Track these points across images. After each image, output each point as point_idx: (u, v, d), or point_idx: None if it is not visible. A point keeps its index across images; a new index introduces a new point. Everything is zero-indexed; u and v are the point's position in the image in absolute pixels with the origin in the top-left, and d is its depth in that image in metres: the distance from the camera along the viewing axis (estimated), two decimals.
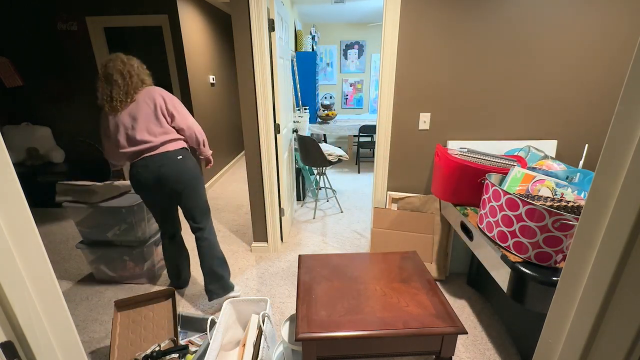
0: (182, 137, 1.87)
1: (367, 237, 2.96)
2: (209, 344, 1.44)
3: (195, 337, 1.79)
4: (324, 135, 5.78)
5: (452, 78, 2.08)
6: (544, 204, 1.26)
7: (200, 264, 2.00)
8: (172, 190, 1.84)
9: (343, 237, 2.97)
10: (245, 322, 1.73)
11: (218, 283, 2.01)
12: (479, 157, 1.81)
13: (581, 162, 1.89)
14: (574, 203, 1.28)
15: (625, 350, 0.61)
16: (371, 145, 4.94)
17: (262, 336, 1.47)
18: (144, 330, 1.65)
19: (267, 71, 2.24)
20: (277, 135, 2.46)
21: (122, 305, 1.66)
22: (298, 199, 3.84)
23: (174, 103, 1.81)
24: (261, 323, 1.53)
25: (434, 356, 1.28)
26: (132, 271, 2.29)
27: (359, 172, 4.94)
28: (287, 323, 1.60)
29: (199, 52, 3.95)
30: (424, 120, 2.18)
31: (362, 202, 3.77)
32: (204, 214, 1.97)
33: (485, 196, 1.52)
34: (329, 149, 3.44)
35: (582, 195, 1.39)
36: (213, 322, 1.58)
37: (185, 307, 2.09)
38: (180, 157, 1.82)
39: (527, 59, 2.00)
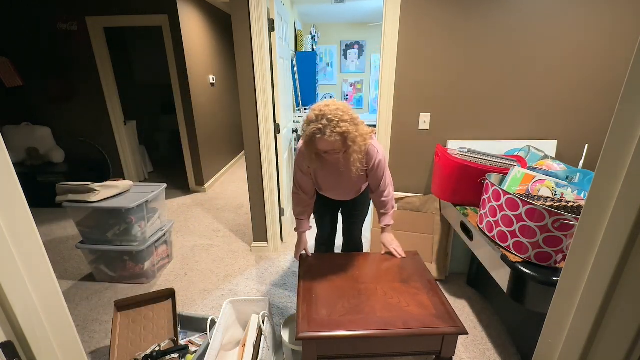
0: None
1: (367, 237, 2.95)
2: (209, 344, 1.44)
3: (195, 337, 1.79)
4: None
5: (452, 78, 2.08)
6: (544, 204, 1.26)
7: None
8: None
9: None
10: (245, 322, 1.73)
11: None
12: (479, 157, 1.81)
13: (581, 162, 1.89)
14: (574, 203, 1.28)
15: (625, 350, 0.61)
16: None
17: (262, 336, 1.47)
18: (144, 330, 1.65)
19: (267, 71, 2.24)
20: (277, 135, 2.46)
21: (122, 305, 1.66)
22: None
23: None
24: (261, 323, 1.53)
25: (434, 356, 1.28)
26: (132, 271, 2.29)
27: None
28: (287, 323, 1.60)
29: (199, 52, 3.95)
30: (424, 120, 2.18)
31: None
32: None
33: (485, 196, 1.52)
34: None
35: (582, 195, 1.39)
36: (213, 322, 1.58)
37: (185, 307, 2.09)
38: None
39: (527, 58, 2.00)
